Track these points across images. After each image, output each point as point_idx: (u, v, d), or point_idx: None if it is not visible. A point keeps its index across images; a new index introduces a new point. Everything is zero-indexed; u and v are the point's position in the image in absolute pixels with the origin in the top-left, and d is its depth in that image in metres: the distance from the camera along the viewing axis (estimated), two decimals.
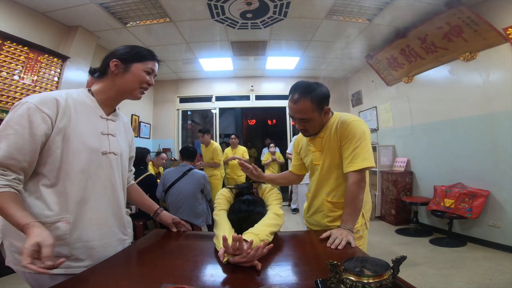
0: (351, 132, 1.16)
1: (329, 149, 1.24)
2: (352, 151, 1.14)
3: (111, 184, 0.98)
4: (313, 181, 1.37)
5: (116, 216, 1.01)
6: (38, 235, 0.71)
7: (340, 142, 1.20)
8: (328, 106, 1.22)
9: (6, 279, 2.35)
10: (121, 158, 1.03)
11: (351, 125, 1.17)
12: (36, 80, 2.84)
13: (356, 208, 1.14)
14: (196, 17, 3.37)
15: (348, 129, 1.17)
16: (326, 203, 1.29)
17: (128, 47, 1.02)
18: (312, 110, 1.17)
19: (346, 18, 3.46)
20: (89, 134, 0.93)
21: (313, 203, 1.37)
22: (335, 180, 1.25)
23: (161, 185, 2.84)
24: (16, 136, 0.80)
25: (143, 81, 1.02)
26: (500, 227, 2.86)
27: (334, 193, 1.26)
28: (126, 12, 3.22)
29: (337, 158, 1.22)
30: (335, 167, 1.24)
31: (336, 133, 1.20)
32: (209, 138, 4.27)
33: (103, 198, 0.96)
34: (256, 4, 3.11)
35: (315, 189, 1.34)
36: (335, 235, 1.05)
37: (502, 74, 2.87)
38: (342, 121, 1.19)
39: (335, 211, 1.26)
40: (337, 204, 1.25)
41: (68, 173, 0.88)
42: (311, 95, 1.15)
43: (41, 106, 0.84)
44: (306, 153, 1.39)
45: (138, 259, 0.90)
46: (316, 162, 1.31)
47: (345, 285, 0.64)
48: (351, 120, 1.19)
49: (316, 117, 1.20)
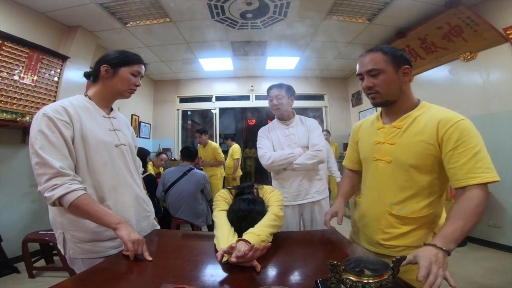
0: (465, 133, 0.86)
1: (411, 144, 0.94)
2: (472, 158, 0.84)
3: (128, 170, 1.14)
4: (369, 182, 1.10)
5: (139, 197, 1.18)
6: (132, 232, 0.92)
7: (441, 143, 0.89)
8: (408, 66, 0.96)
9: (6, 279, 2.35)
10: (130, 148, 1.19)
11: (463, 124, 0.88)
12: (36, 80, 2.84)
13: (472, 222, 0.82)
14: (196, 17, 3.37)
15: (460, 128, 0.87)
16: (388, 216, 0.99)
17: (117, 53, 1.12)
18: (384, 62, 0.94)
19: (346, 18, 3.46)
20: (100, 132, 1.06)
21: (367, 212, 1.08)
22: (409, 188, 0.95)
23: (161, 185, 2.84)
24: (57, 142, 0.92)
25: (130, 84, 1.12)
26: (500, 227, 2.86)
27: (402, 205, 0.97)
28: (126, 12, 3.22)
29: (423, 159, 0.92)
30: (415, 169, 0.94)
31: (432, 131, 0.91)
32: (207, 138, 4.23)
33: (127, 183, 1.12)
34: (256, 4, 3.11)
35: (374, 195, 1.06)
36: (427, 266, 0.68)
37: (502, 74, 2.87)
38: (447, 118, 0.90)
39: (398, 228, 0.97)
40: (404, 219, 0.96)
41: (95, 168, 1.01)
42: (382, 49, 0.97)
43: (57, 114, 0.95)
44: (366, 143, 1.11)
45: (138, 259, 0.90)
46: (379, 157, 1.02)
47: (345, 285, 0.64)
48: (460, 118, 0.89)
49: (390, 72, 0.95)
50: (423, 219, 0.95)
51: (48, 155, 0.89)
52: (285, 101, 1.79)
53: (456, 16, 2.96)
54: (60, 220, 0.99)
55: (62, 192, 0.88)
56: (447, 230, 0.81)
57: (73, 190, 0.89)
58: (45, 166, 0.88)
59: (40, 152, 0.89)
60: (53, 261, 2.70)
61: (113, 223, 0.92)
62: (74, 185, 0.90)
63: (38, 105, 2.84)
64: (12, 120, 2.60)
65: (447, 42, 3.26)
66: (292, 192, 1.74)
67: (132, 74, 1.11)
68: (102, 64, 1.08)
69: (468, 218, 0.81)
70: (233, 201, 1.22)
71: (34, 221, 2.85)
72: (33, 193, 2.87)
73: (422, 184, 0.94)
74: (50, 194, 0.88)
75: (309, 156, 1.69)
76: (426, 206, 0.95)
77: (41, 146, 0.90)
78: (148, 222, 1.24)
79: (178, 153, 5.52)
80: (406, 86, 1.00)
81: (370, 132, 1.10)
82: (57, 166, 0.89)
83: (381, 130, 1.04)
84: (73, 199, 0.89)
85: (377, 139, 1.04)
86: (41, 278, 2.38)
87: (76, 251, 0.99)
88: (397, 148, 0.97)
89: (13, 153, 2.78)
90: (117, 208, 1.04)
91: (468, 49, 3.12)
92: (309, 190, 1.75)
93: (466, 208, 0.82)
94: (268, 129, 1.88)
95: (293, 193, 1.74)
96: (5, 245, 2.48)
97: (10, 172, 2.71)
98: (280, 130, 1.84)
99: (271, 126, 1.89)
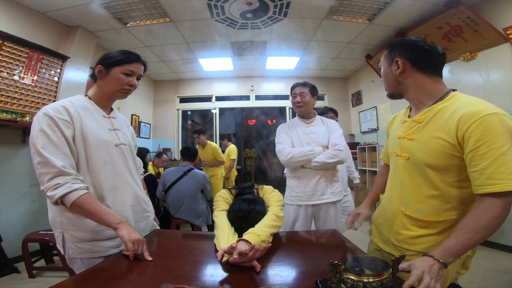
0: (490, 131, 0.73)
1: (429, 141, 0.85)
2: (495, 161, 0.72)
3: (128, 170, 1.14)
4: (390, 178, 1.05)
5: (138, 196, 1.18)
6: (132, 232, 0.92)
7: (462, 142, 0.78)
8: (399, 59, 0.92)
9: (6, 279, 2.35)
10: (130, 148, 1.19)
11: (489, 120, 0.74)
12: (36, 80, 2.84)
13: (480, 238, 0.75)
14: (196, 17, 3.37)
15: (484, 125, 0.74)
16: (401, 216, 0.93)
17: (114, 52, 1.11)
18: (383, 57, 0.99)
19: (346, 18, 3.45)
20: (100, 131, 1.06)
21: (385, 209, 1.04)
22: (427, 189, 0.87)
23: (161, 185, 2.84)
24: (59, 141, 0.93)
25: (122, 83, 1.09)
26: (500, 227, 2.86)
27: (419, 206, 0.89)
28: (126, 12, 3.22)
29: (441, 159, 0.82)
30: (431, 169, 0.85)
31: (452, 126, 0.79)
32: (205, 138, 4.18)
33: (127, 183, 1.12)
34: (256, 4, 3.11)
35: (392, 193, 1.01)
36: (418, 274, 0.68)
37: (502, 74, 2.87)
38: (470, 113, 0.76)
39: (411, 231, 0.90)
40: (419, 222, 0.89)
41: (95, 167, 1.02)
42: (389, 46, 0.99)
43: (58, 114, 0.95)
44: (392, 137, 1.05)
45: (138, 259, 0.90)
46: (399, 153, 0.96)
47: (346, 284, 0.64)
48: (488, 112, 0.75)
49: (386, 67, 0.98)
50: (441, 225, 0.85)
51: (50, 154, 0.89)
52: (308, 99, 1.81)
53: (456, 16, 2.96)
54: (60, 220, 0.99)
55: (64, 191, 0.88)
56: (450, 242, 0.75)
57: (75, 189, 0.90)
58: (47, 165, 0.89)
59: (42, 151, 0.89)
60: (53, 261, 2.70)
61: (114, 222, 0.93)
62: (76, 184, 0.91)
63: (38, 105, 2.84)
64: (12, 120, 2.60)
65: (447, 42, 3.27)
66: (307, 192, 1.71)
67: (125, 74, 1.09)
68: (97, 64, 1.10)
69: (478, 232, 0.74)
70: (233, 201, 1.22)
71: (34, 221, 2.84)
72: (33, 193, 2.87)
73: (440, 186, 0.84)
74: (53, 193, 0.88)
75: (329, 155, 1.68)
76: (445, 211, 0.85)
77: (43, 145, 0.90)
78: (147, 222, 1.24)
79: (178, 153, 5.52)
80: (405, 78, 0.93)
81: (397, 126, 1.04)
82: (59, 165, 0.89)
83: (405, 124, 0.97)
84: (74, 198, 0.89)
85: (399, 133, 0.98)
86: (41, 278, 2.38)
87: (75, 251, 0.99)
88: (415, 144, 0.90)
89: (13, 153, 2.78)
90: (116, 208, 1.05)
91: (468, 49, 3.12)
92: (325, 190, 1.72)
93: (478, 221, 0.74)
94: (288, 126, 1.87)
95: (308, 193, 1.71)
96: (5, 245, 2.48)
97: (10, 172, 2.70)
98: (300, 128, 1.83)
99: (291, 124, 1.89)
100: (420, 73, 0.91)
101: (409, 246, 0.90)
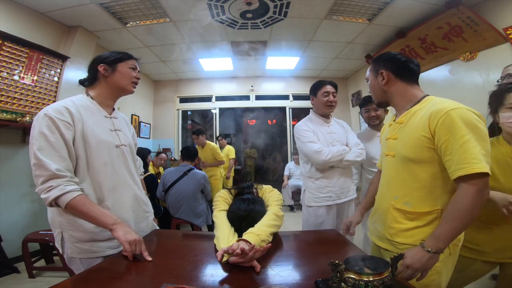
0: (453, 123, 0.84)
1: (408, 138, 0.97)
2: (459, 148, 0.82)
3: (128, 171, 1.15)
4: (382, 177, 1.15)
5: (138, 197, 1.18)
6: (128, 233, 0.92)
7: (434, 136, 0.88)
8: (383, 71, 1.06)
9: (6, 279, 2.35)
10: (130, 148, 1.19)
11: (452, 114, 0.84)
12: (36, 80, 2.84)
13: (462, 224, 0.83)
14: (196, 17, 3.37)
15: (449, 119, 0.84)
16: (392, 211, 1.01)
17: (107, 53, 1.15)
18: (369, 71, 1.14)
19: (346, 18, 3.45)
20: (101, 132, 1.07)
21: (378, 206, 1.13)
22: (412, 182, 0.96)
23: (161, 185, 2.84)
24: (57, 143, 0.92)
25: (131, 76, 1.16)
26: None
27: (407, 199, 0.97)
28: (126, 12, 3.21)
29: (420, 152, 0.92)
30: (413, 162, 0.95)
31: (425, 123, 0.90)
32: (204, 139, 4.18)
33: (126, 183, 1.12)
34: (256, 4, 3.11)
35: (383, 190, 1.11)
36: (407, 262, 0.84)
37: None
38: (437, 110, 0.88)
39: (402, 223, 0.98)
40: (408, 214, 0.96)
41: (95, 168, 1.02)
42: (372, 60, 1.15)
43: (59, 115, 0.95)
44: (382, 140, 1.19)
45: (138, 259, 0.90)
46: (387, 152, 1.08)
47: (347, 284, 0.64)
48: (450, 108, 0.86)
49: (372, 79, 1.13)
50: (429, 216, 0.93)
51: (45, 157, 0.89)
52: (337, 99, 1.83)
53: (456, 16, 2.96)
54: (59, 220, 0.99)
55: (57, 193, 0.88)
56: (437, 231, 0.86)
57: (68, 191, 0.90)
58: (41, 168, 0.89)
59: (37, 154, 0.89)
60: (53, 261, 2.70)
61: (109, 223, 0.93)
62: (69, 186, 0.90)
63: (38, 105, 2.84)
64: (12, 120, 2.60)
65: (447, 42, 3.26)
66: (337, 191, 1.72)
67: (130, 68, 1.16)
68: (97, 64, 1.11)
69: (459, 218, 0.83)
70: (232, 201, 1.22)
71: (34, 221, 2.85)
72: (33, 193, 2.86)
73: (423, 178, 0.94)
74: (46, 196, 0.88)
75: (357, 154, 1.72)
76: (429, 202, 0.93)
77: (40, 148, 0.90)
78: (147, 223, 1.24)
79: (178, 153, 5.52)
80: (389, 87, 1.06)
81: (386, 130, 1.17)
82: (53, 168, 0.89)
83: (391, 127, 1.11)
84: (68, 200, 0.89)
85: (387, 135, 1.11)
86: (41, 278, 2.38)
87: (74, 251, 0.99)
88: (398, 142, 1.02)
89: (13, 153, 2.78)
90: (116, 209, 1.05)
91: (468, 49, 3.12)
92: (350, 187, 1.78)
93: (457, 208, 0.84)
94: (308, 124, 1.82)
95: (337, 191, 1.72)
96: (5, 245, 2.48)
97: (10, 172, 2.71)
98: (322, 127, 1.82)
99: (309, 122, 1.84)
100: (401, 81, 1.04)
101: (401, 239, 0.97)
